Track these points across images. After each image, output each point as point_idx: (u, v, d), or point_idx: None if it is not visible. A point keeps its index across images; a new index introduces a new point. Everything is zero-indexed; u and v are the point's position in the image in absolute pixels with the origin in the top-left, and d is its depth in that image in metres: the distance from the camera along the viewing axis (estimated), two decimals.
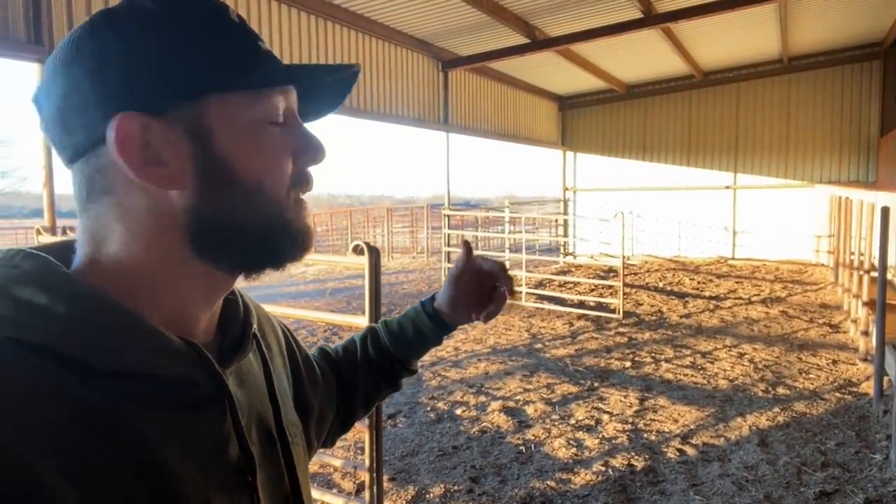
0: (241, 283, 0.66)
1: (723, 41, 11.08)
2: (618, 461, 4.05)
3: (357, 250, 2.96)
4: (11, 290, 0.51)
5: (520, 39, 9.54)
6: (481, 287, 1.03)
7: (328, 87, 0.67)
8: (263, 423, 0.66)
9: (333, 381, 0.97)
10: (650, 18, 8.76)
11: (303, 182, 0.62)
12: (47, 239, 4.79)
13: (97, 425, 0.48)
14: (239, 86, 0.56)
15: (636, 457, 4.10)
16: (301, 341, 0.91)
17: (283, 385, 0.76)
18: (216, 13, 0.57)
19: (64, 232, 4.86)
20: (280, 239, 0.60)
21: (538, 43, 9.58)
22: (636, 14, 8.79)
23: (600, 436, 4.46)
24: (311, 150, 0.62)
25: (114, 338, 0.52)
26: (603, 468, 3.96)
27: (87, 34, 0.54)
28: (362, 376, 1.02)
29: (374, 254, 2.94)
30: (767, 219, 13.14)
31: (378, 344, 1.04)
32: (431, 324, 1.03)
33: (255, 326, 0.69)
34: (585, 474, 3.88)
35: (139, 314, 0.54)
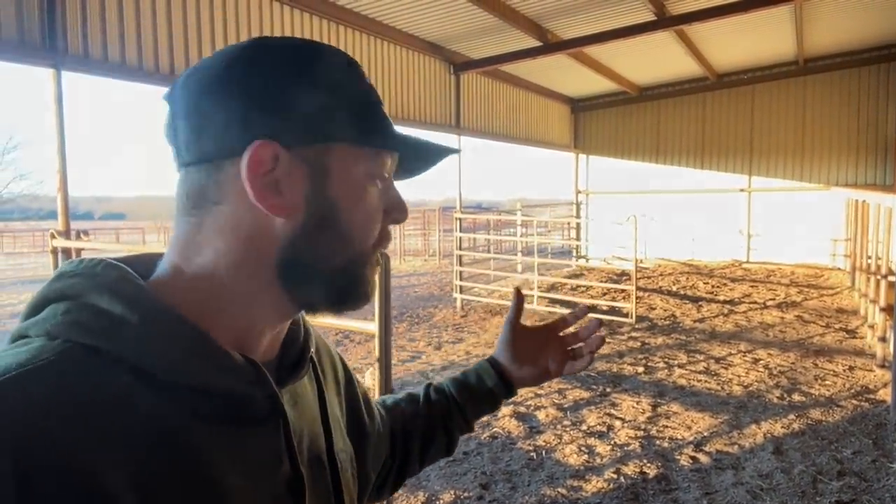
0: None
1: (737, 43, 10.99)
2: (630, 468, 4.01)
3: None
4: (89, 297, 0.54)
5: (532, 42, 9.51)
6: (547, 343, 1.03)
7: (422, 160, 0.71)
8: (314, 447, 0.68)
9: (388, 424, 0.96)
10: (663, 21, 8.70)
11: (385, 239, 0.66)
12: (61, 242, 4.83)
13: (161, 436, 0.51)
14: (365, 143, 0.61)
15: (648, 464, 4.06)
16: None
17: (336, 413, 0.77)
18: (357, 73, 0.63)
19: (78, 235, 4.89)
20: (353, 287, 0.63)
21: (550, 46, 9.54)
22: (649, 16, 8.74)
23: (612, 442, 4.42)
24: (399, 211, 0.66)
25: (179, 350, 0.54)
26: (615, 475, 3.92)
27: (249, 60, 0.58)
28: (420, 420, 1.01)
29: (383, 259, 2.93)
30: (782, 222, 13.01)
31: (441, 391, 1.04)
32: (496, 375, 1.02)
33: (312, 351, 0.71)
34: (597, 481, 3.84)
35: (205, 331, 0.56)
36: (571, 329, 1.06)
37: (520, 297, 1.05)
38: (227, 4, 6.54)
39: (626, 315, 8.56)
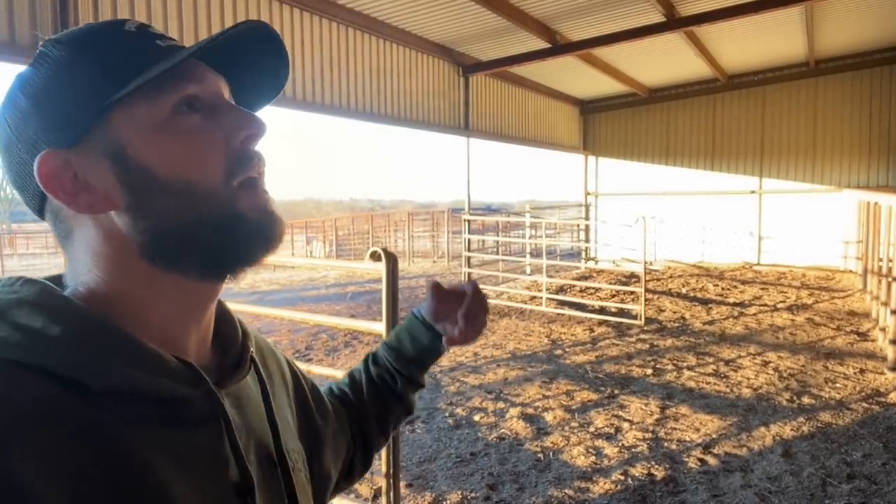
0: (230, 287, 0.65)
1: (748, 44, 10.93)
2: (638, 470, 4.00)
3: (374, 257, 2.98)
4: (10, 314, 0.52)
5: (541, 44, 9.51)
6: (453, 308, 1.00)
7: (252, 53, 0.63)
8: (263, 447, 0.66)
9: (343, 412, 0.96)
10: (673, 22, 8.67)
11: (241, 163, 0.59)
12: None
13: (96, 444, 0.49)
14: (128, 88, 0.54)
15: (656, 466, 4.05)
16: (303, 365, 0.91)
17: (284, 412, 0.75)
18: (104, 33, 0.58)
19: None
20: (233, 232, 0.58)
21: (559, 47, 9.54)
22: (658, 18, 8.72)
23: (620, 444, 4.42)
24: (244, 126, 0.60)
25: (107, 357, 0.53)
26: (622, 477, 3.91)
27: (7, 98, 0.57)
28: (369, 398, 1.00)
29: (392, 260, 2.95)
30: (794, 224, 12.92)
31: (377, 361, 1.04)
32: (424, 328, 1.01)
33: (252, 350, 0.70)
34: (604, 483, 3.84)
35: (131, 333, 0.55)
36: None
37: (434, 288, 1.00)
38: (238, 7, 6.59)
39: (635, 317, 8.54)
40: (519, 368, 6.39)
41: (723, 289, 10.81)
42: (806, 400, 5.22)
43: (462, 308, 0.97)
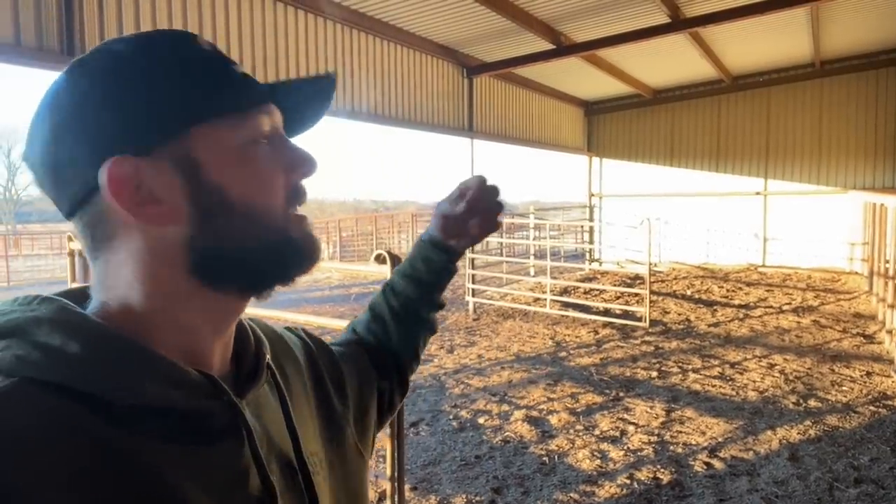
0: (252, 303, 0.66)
1: (753, 45, 10.90)
2: (643, 474, 3.98)
3: (379, 259, 2.96)
4: (28, 332, 0.52)
5: (545, 45, 9.49)
6: (468, 213, 0.98)
7: (310, 100, 0.67)
8: (283, 454, 0.66)
9: (365, 357, 0.95)
10: (678, 23, 8.65)
11: (297, 196, 0.63)
12: (78, 245, 4.88)
13: (116, 461, 0.49)
14: (218, 111, 0.56)
15: (662, 470, 4.03)
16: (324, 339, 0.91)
17: (303, 414, 0.74)
18: (185, 45, 0.58)
19: None
20: (283, 255, 0.61)
21: (564, 49, 9.52)
22: (663, 19, 8.69)
23: (625, 447, 4.40)
24: (302, 165, 0.63)
25: (127, 373, 0.53)
26: (628, 481, 3.89)
27: (64, 86, 0.55)
28: (394, 328, 1.00)
29: (396, 263, 2.93)
30: (799, 225, 12.87)
31: (396, 291, 1.03)
32: (435, 249, 1.00)
33: (268, 356, 0.70)
34: (610, 487, 3.82)
35: (152, 349, 0.55)
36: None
37: (461, 195, 0.98)
38: (243, 10, 6.59)
39: (639, 319, 8.51)
40: (523, 371, 6.37)
41: (728, 290, 10.77)
42: (812, 403, 5.19)
43: (469, 203, 0.96)
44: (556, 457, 4.29)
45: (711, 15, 8.35)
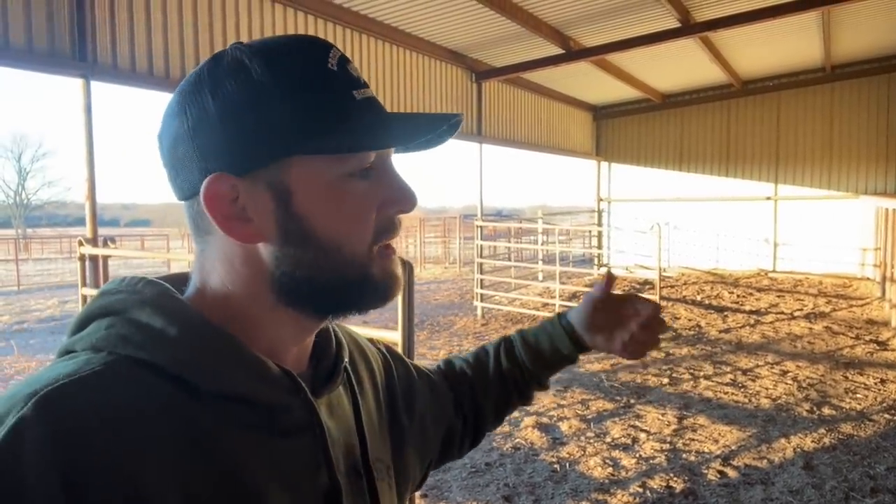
0: None
1: (763, 50, 10.85)
2: (656, 482, 3.94)
3: None
4: (132, 313, 0.56)
5: (554, 50, 9.48)
6: (623, 321, 0.97)
7: (429, 134, 0.64)
8: (351, 456, 0.68)
9: (448, 395, 0.96)
10: (687, 28, 8.62)
11: (388, 231, 0.62)
12: (89, 249, 4.89)
13: (204, 442, 0.52)
14: (321, 150, 0.57)
15: (675, 478, 3.98)
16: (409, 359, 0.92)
17: (373, 420, 0.76)
18: (314, 67, 0.58)
19: (105, 243, 4.96)
20: (360, 291, 0.61)
21: (573, 53, 9.50)
22: (673, 24, 8.66)
23: (637, 455, 4.35)
24: (400, 201, 0.62)
25: (218, 361, 0.55)
26: (640, 489, 3.85)
27: (193, 88, 0.57)
28: (493, 387, 1.00)
29: (408, 268, 2.92)
30: (810, 231, 12.78)
31: (512, 355, 1.02)
32: (568, 339, 1.00)
33: (346, 360, 0.71)
34: (622, 495, 3.78)
35: (240, 340, 0.58)
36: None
37: (610, 277, 1.00)
38: (253, 15, 6.61)
39: None
40: None
41: (738, 296, 10.69)
42: (826, 411, 5.12)
43: (632, 321, 0.96)
44: (567, 464, 4.25)
45: (721, 19, 8.31)
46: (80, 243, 4.96)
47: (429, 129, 0.60)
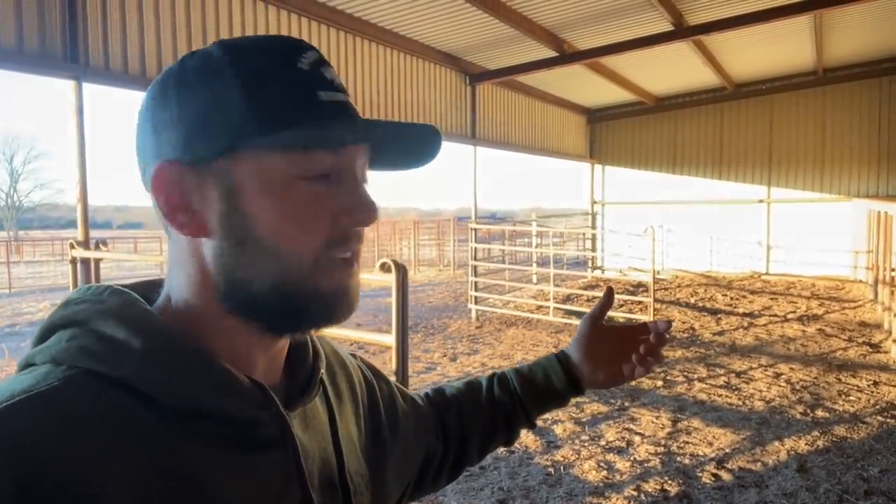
0: None
1: (755, 53, 10.90)
2: (650, 486, 3.93)
3: (384, 267, 2.94)
4: (95, 324, 0.54)
5: (548, 53, 9.50)
6: (623, 347, 0.98)
7: (406, 144, 0.63)
8: (327, 471, 0.65)
9: (431, 419, 0.94)
10: (681, 31, 8.64)
11: (343, 243, 0.58)
12: (80, 252, 4.86)
13: (163, 459, 0.50)
14: (275, 143, 0.54)
15: (670, 481, 3.98)
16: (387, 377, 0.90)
17: (351, 433, 0.73)
18: (279, 64, 0.56)
19: (97, 245, 4.92)
20: (303, 303, 0.57)
21: (567, 56, 9.52)
22: (666, 27, 8.69)
23: (632, 458, 4.35)
24: (357, 211, 0.58)
25: (183, 374, 0.53)
26: (635, 493, 3.84)
27: (163, 78, 0.57)
28: (483, 415, 0.98)
29: (402, 271, 2.91)
30: (802, 233, 12.83)
31: (505, 384, 1.01)
32: (563, 374, 0.99)
33: (322, 372, 0.69)
34: (617, 499, 3.77)
35: (208, 353, 0.55)
36: (649, 336, 0.99)
37: (609, 296, 1.01)
38: (246, 17, 6.59)
39: None
40: None
41: (732, 299, 10.72)
42: (820, 413, 5.13)
43: (641, 344, 0.97)
44: (561, 468, 4.24)
45: (714, 23, 8.34)
46: (72, 246, 4.93)
47: (396, 136, 0.59)
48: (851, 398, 5.48)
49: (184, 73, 0.55)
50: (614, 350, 0.98)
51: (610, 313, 1.03)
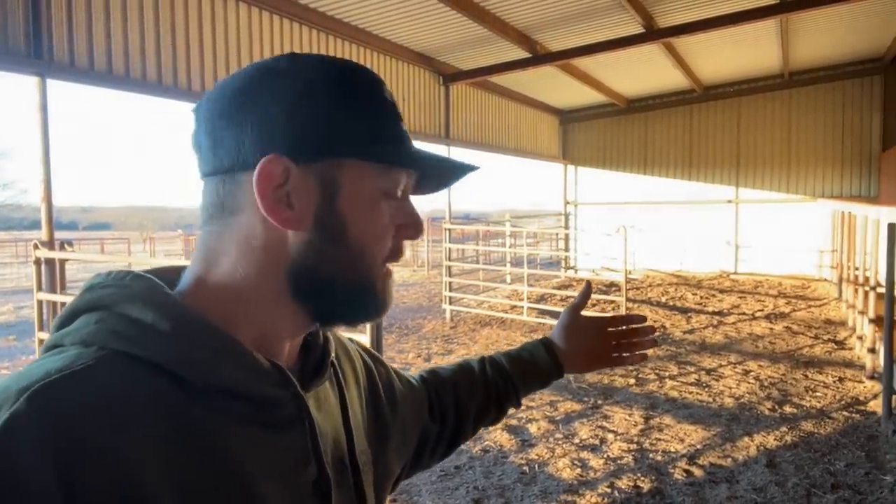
0: None
1: (724, 56, 11.09)
2: (624, 483, 3.96)
3: None
4: (122, 307, 0.56)
5: (521, 54, 9.54)
6: (601, 335, 1.12)
7: (446, 174, 0.71)
8: (338, 450, 0.69)
9: (424, 398, 0.99)
10: (651, 34, 8.76)
11: (395, 253, 0.66)
12: (44, 253, 4.73)
13: (194, 436, 0.53)
14: (376, 159, 0.61)
15: (643, 478, 4.02)
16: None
17: (357, 416, 0.78)
18: (372, 87, 0.63)
19: (62, 246, 4.80)
20: (363, 301, 0.64)
21: (540, 57, 9.57)
22: (637, 29, 8.80)
23: (605, 455, 4.38)
24: (412, 228, 0.67)
25: (209, 355, 0.56)
26: (609, 490, 3.87)
27: (268, 71, 0.61)
28: (478, 392, 1.05)
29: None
30: (769, 233, 13.09)
31: (495, 363, 1.09)
32: (548, 356, 1.10)
33: (333, 355, 0.73)
34: (591, 496, 3.80)
35: (232, 335, 0.58)
36: (624, 327, 1.14)
37: (588, 289, 1.13)
38: (217, 14, 6.50)
39: None
40: None
41: (701, 297, 10.89)
42: (788, 409, 5.24)
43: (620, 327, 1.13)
44: (536, 466, 4.25)
45: (684, 25, 8.47)
46: (36, 247, 4.80)
47: (455, 167, 0.68)
48: (818, 394, 5.60)
49: (301, 72, 0.60)
50: (591, 337, 1.11)
51: (585, 312, 1.11)
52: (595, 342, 1.11)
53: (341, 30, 7.99)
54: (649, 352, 1.19)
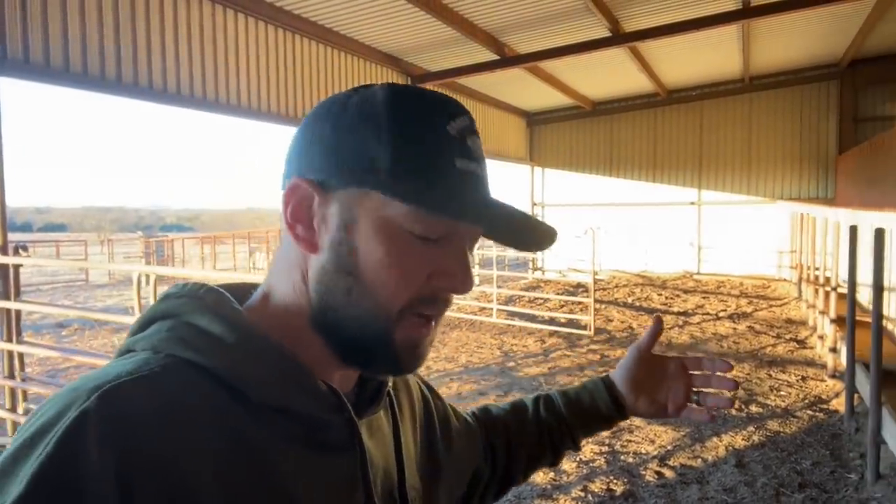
0: None
1: (687, 61, 11.28)
2: (597, 486, 3.97)
3: None
4: (193, 317, 0.58)
5: (489, 56, 9.54)
6: (667, 378, 0.99)
7: (520, 233, 0.65)
8: (387, 481, 0.67)
9: (479, 440, 0.94)
10: (617, 38, 8.85)
11: (430, 302, 0.60)
12: (9, 259, 4.53)
13: (249, 451, 0.53)
14: (397, 196, 0.57)
15: (615, 480, 4.03)
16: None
17: (410, 449, 0.75)
18: (430, 123, 0.59)
19: (16, 251, 4.61)
20: (374, 349, 0.60)
21: (507, 59, 9.59)
22: (604, 33, 8.88)
23: (578, 458, 4.38)
24: (453, 277, 0.61)
25: (270, 372, 0.56)
26: (582, 493, 3.87)
27: (327, 107, 0.61)
28: (530, 435, 0.99)
29: None
30: (731, 234, 13.37)
31: (551, 405, 1.01)
32: (609, 398, 0.99)
33: (390, 385, 0.71)
34: (565, 500, 3.79)
35: (293, 355, 0.58)
36: (699, 371, 1.00)
37: (658, 326, 1.00)
38: (179, 12, 6.32)
39: (584, 327, 8.60)
40: (472, 382, 6.31)
41: (667, 298, 11.05)
42: (754, 408, 5.32)
43: (677, 388, 0.98)
44: None
45: (649, 30, 8.58)
46: None
47: (509, 224, 0.61)
48: (782, 393, 5.71)
49: (347, 104, 0.60)
50: (660, 380, 0.99)
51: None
52: (660, 385, 0.98)
53: (309, 29, 7.87)
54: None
